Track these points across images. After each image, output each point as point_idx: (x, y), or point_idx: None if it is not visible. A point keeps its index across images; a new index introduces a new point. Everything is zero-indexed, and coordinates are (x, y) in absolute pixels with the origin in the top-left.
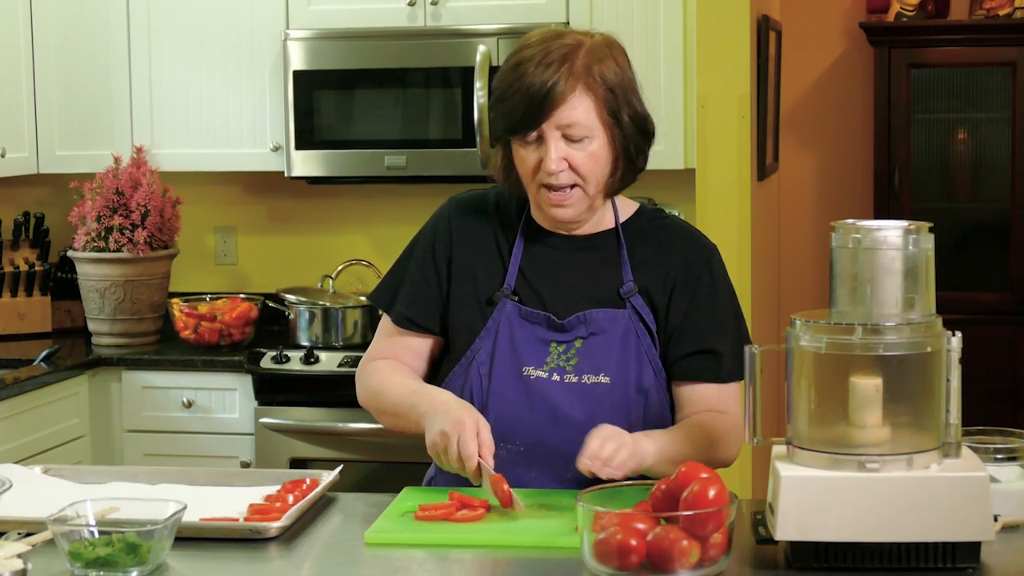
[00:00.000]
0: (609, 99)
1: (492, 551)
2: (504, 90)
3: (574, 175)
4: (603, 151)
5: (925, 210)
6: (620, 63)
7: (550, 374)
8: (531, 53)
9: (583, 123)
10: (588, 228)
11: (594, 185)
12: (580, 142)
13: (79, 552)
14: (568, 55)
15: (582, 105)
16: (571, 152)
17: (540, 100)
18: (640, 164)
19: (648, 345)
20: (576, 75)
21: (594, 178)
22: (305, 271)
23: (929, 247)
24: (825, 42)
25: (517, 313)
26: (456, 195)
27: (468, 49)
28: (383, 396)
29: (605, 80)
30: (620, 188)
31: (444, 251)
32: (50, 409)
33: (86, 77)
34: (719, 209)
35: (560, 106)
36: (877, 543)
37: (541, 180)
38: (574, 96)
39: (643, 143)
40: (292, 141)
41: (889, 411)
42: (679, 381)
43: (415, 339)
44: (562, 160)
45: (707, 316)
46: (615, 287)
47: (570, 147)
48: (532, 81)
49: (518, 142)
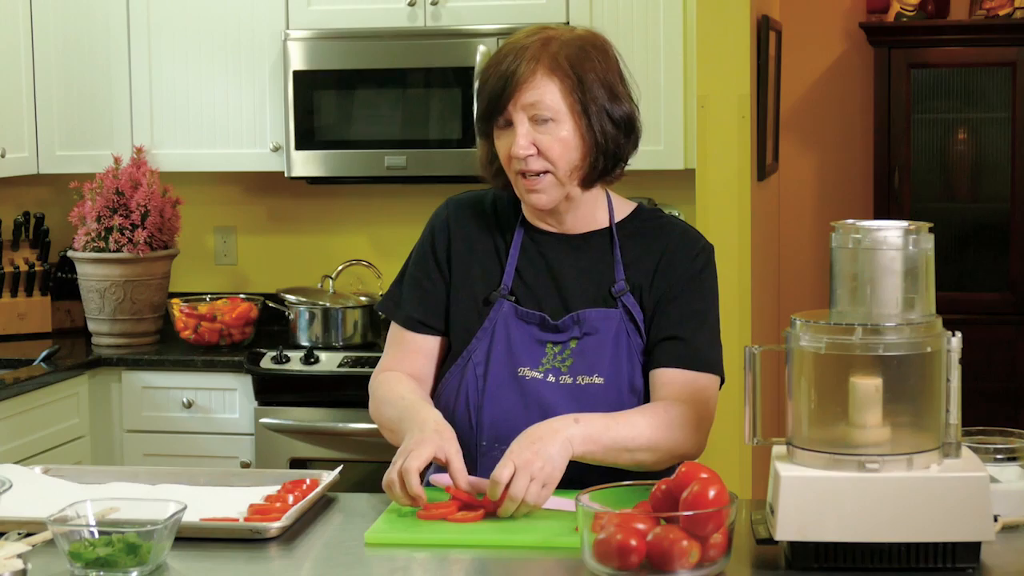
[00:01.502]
0: (576, 86)
1: (492, 551)
2: (480, 81)
3: (544, 160)
4: (572, 137)
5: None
6: (599, 58)
7: (545, 375)
8: (505, 46)
9: (547, 103)
10: (582, 226)
11: (564, 171)
12: (546, 124)
13: (79, 552)
14: (541, 45)
15: (545, 87)
16: (539, 136)
17: (505, 83)
18: (618, 158)
19: (638, 343)
20: (540, 59)
21: (564, 164)
22: (305, 271)
23: (929, 247)
24: (825, 42)
25: (513, 313)
26: (453, 196)
27: (468, 49)
28: (383, 411)
29: (573, 67)
30: (597, 179)
31: (444, 252)
32: (50, 409)
33: (86, 77)
34: (719, 209)
35: (523, 86)
36: (877, 543)
37: (515, 168)
38: (536, 78)
39: (620, 138)
40: (292, 141)
41: (889, 411)
42: (651, 367)
43: (424, 341)
44: (530, 145)
45: (681, 306)
46: (607, 286)
47: (537, 131)
48: (502, 68)
49: (496, 132)
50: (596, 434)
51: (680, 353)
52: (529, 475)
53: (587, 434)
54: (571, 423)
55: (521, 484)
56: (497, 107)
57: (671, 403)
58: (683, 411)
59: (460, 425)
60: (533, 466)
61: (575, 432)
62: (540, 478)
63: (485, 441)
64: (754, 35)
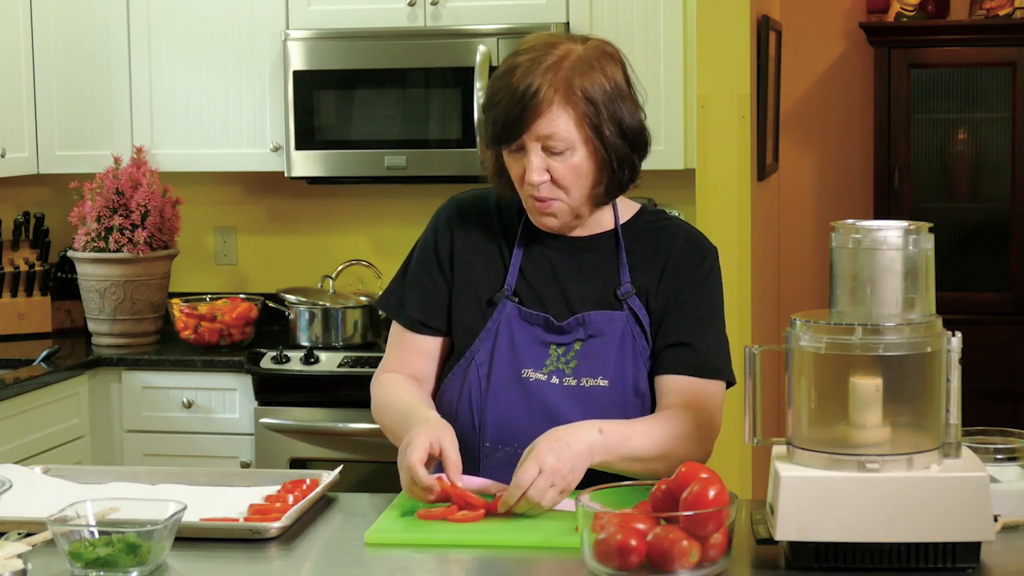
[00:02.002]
0: (590, 113)
1: (492, 551)
2: (492, 96)
3: (556, 189)
4: (585, 164)
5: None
6: (609, 73)
7: (549, 377)
8: (521, 60)
9: (562, 136)
10: (588, 230)
11: (577, 197)
12: (561, 154)
13: (79, 552)
14: (553, 66)
15: (561, 118)
16: (552, 164)
17: (520, 111)
18: (628, 175)
19: (643, 347)
20: (556, 88)
21: (576, 190)
22: (305, 271)
23: (929, 247)
24: (825, 42)
25: (517, 314)
26: (456, 195)
27: (468, 49)
28: (384, 414)
29: (587, 94)
30: (608, 199)
31: (446, 251)
32: (50, 409)
33: (86, 77)
34: (719, 209)
35: (539, 118)
36: (877, 543)
37: (527, 191)
38: (552, 109)
39: (631, 154)
40: (292, 141)
41: (889, 411)
42: (657, 373)
43: (427, 341)
44: (543, 172)
45: (688, 311)
46: (613, 289)
47: (551, 159)
48: (515, 91)
49: (505, 149)
50: (615, 446)
51: (687, 360)
52: (551, 480)
53: (607, 445)
54: (596, 432)
55: (542, 487)
56: (512, 134)
57: (683, 412)
58: (694, 420)
59: (463, 427)
60: (558, 473)
61: (596, 442)
62: (560, 485)
63: (488, 443)
64: (754, 35)
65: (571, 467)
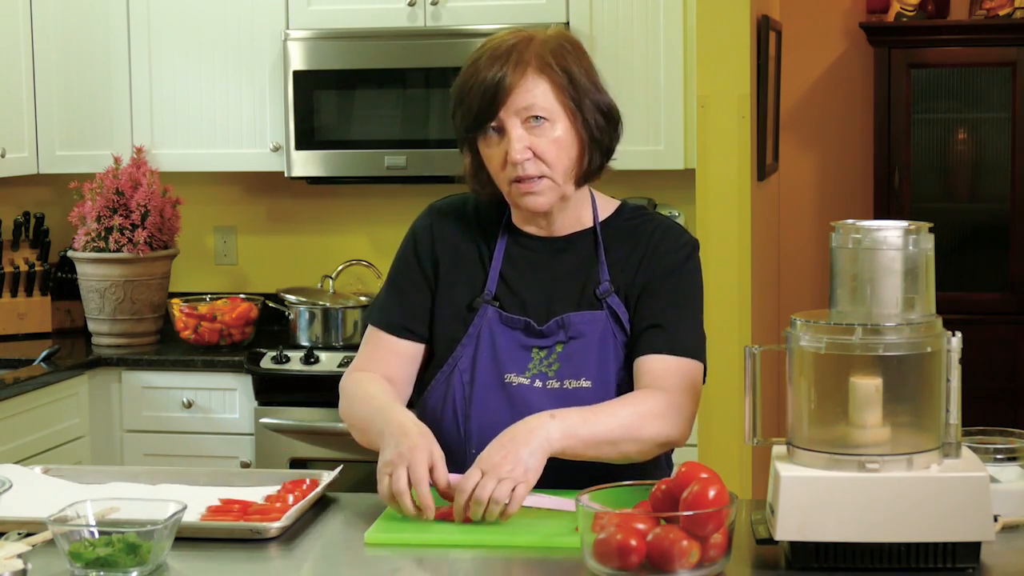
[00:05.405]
0: (566, 83)
1: (492, 551)
2: (460, 90)
3: (540, 165)
4: (567, 136)
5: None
6: (576, 53)
7: (532, 380)
8: (482, 52)
9: (541, 104)
10: (567, 228)
11: (561, 173)
12: (541, 127)
13: (79, 552)
14: (518, 45)
15: (538, 88)
16: (534, 140)
17: (495, 90)
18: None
19: (624, 344)
20: (528, 61)
21: (560, 165)
22: (305, 271)
23: (929, 247)
24: (825, 42)
25: (498, 319)
26: (435, 202)
27: (468, 49)
28: (353, 410)
29: (561, 65)
30: (590, 177)
31: (428, 259)
32: (50, 409)
33: (86, 77)
34: (719, 209)
35: (515, 91)
36: (877, 543)
37: (509, 175)
38: (527, 80)
39: (610, 129)
40: (292, 141)
41: (889, 411)
42: (635, 356)
43: (403, 344)
44: (526, 149)
45: (664, 295)
46: (592, 288)
47: (532, 134)
48: (485, 75)
49: (482, 141)
50: (574, 428)
51: (660, 339)
52: (497, 479)
53: (565, 429)
54: (547, 419)
55: (487, 487)
56: (488, 115)
57: (652, 391)
58: (666, 398)
59: (448, 434)
60: (501, 470)
61: (552, 428)
62: (510, 479)
63: (474, 449)
64: (754, 35)
65: (515, 460)
